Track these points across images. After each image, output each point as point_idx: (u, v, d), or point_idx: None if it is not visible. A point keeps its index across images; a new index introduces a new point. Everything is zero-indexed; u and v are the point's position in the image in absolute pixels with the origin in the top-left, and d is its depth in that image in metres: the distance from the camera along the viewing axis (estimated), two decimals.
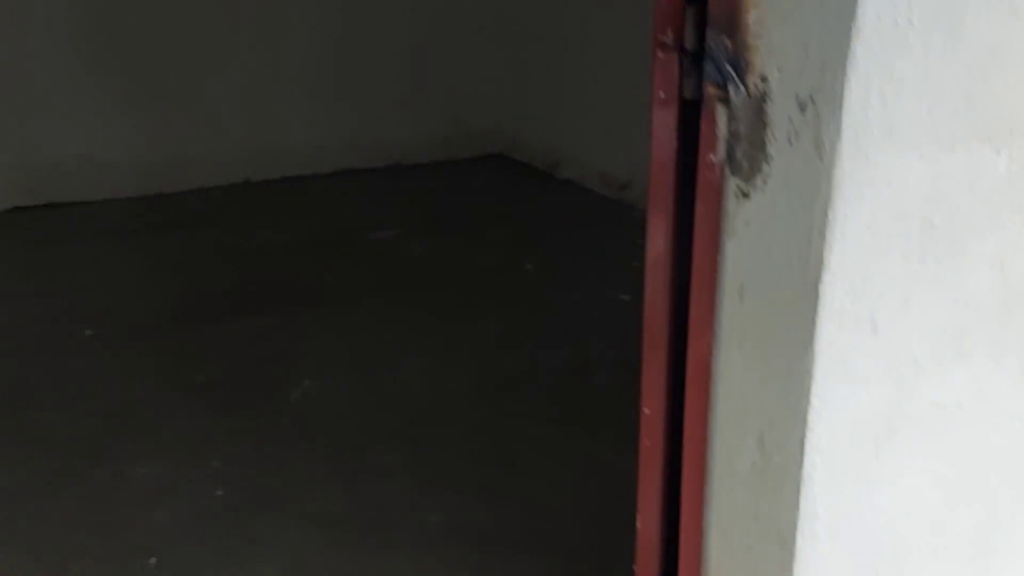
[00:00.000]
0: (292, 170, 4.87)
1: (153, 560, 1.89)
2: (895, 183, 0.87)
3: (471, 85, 5.10)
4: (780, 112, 0.87)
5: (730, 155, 0.93)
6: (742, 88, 0.90)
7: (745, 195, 0.93)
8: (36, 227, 4.06)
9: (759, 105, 0.89)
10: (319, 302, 3.27)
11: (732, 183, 0.94)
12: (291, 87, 4.73)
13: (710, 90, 0.92)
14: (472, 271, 3.56)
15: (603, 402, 2.52)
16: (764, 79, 0.88)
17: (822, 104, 0.83)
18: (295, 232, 4.05)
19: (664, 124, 0.96)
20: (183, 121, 4.52)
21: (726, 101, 0.92)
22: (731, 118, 0.92)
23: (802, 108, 0.85)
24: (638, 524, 1.12)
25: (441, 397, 2.57)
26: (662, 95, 0.96)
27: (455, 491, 2.11)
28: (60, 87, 4.23)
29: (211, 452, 2.28)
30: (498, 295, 3.31)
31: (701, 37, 0.93)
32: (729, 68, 0.90)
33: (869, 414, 0.95)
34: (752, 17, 0.88)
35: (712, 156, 0.94)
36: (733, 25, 0.90)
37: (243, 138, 4.70)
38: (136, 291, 3.41)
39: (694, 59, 0.94)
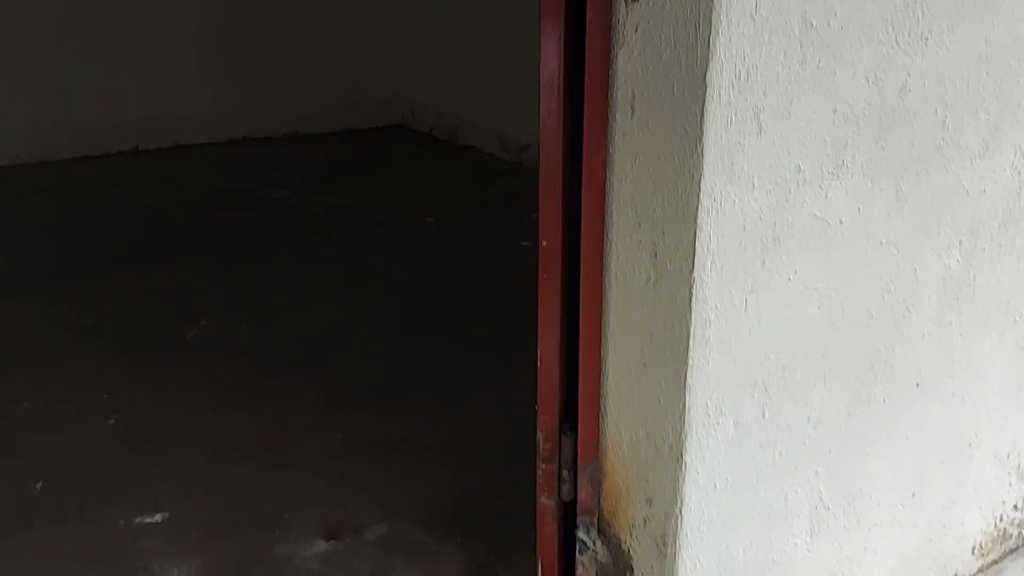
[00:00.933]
0: (184, 138, 4.73)
1: (40, 484, 1.79)
2: None
3: (368, 55, 5.05)
4: None
5: None
6: None
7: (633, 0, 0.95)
8: None
9: None
10: (214, 255, 3.17)
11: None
12: (182, 54, 4.59)
13: None
14: (372, 226, 3.52)
15: (504, 333, 2.53)
16: None
17: None
18: (187, 194, 3.92)
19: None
20: (69, 88, 4.33)
21: None
22: None
23: None
24: (539, 361, 1.13)
25: (340, 334, 2.53)
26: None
27: (358, 412, 2.07)
28: None
29: (101, 387, 2.18)
30: (398, 246, 3.28)
31: None
32: None
33: (755, 219, 0.98)
34: None
35: None
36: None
37: (132, 106, 4.53)
38: (24, 248, 3.24)
39: None
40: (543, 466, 1.16)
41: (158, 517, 1.68)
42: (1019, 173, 1.26)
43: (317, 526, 1.65)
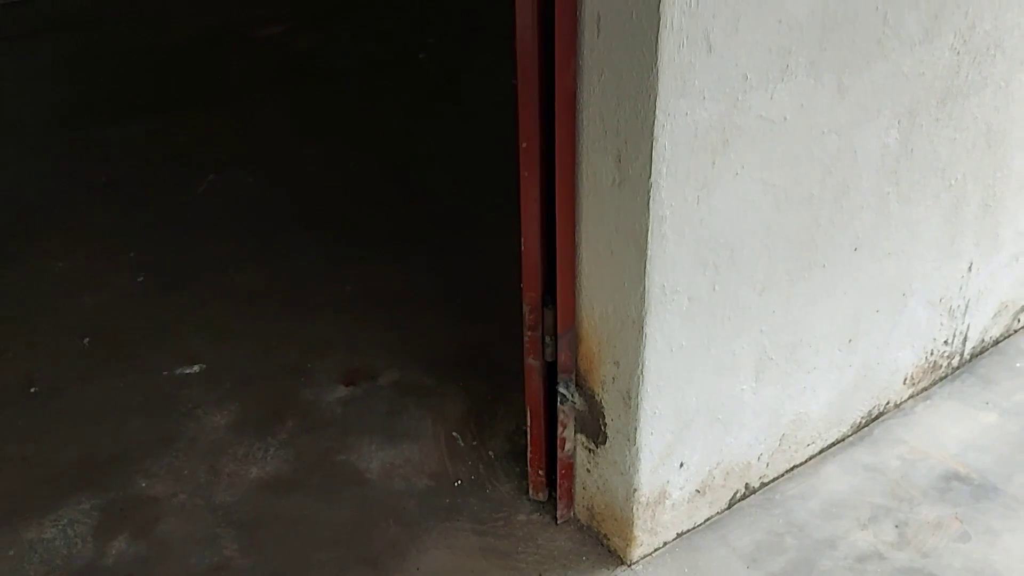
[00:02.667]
0: None
1: (87, 340, 2.01)
2: None
3: None
4: None
5: None
6: None
7: None
8: None
9: None
10: (214, 100, 3.25)
11: None
12: None
13: None
14: (366, 64, 3.56)
15: (499, 177, 2.67)
16: None
17: None
18: (181, 32, 3.92)
19: None
20: None
21: None
22: None
23: None
24: (522, 246, 1.29)
25: (345, 182, 2.68)
26: None
27: (364, 263, 2.26)
28: None
29: (127, 245, 2.36)
30: (394, 85, 3.35)
31: None
32: None
33: (706, 126, 1.11)
34: None
35: None
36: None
37: None
38: (26, 97, 3.32)
39: None
40: (528, 333, 1.36)
41: (196, 368, 1.91)
42: (958, 53, 1.37)
43: (336, 373, 1.88)
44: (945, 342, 1.73)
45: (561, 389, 1.37)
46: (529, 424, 1.45)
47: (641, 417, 1.28)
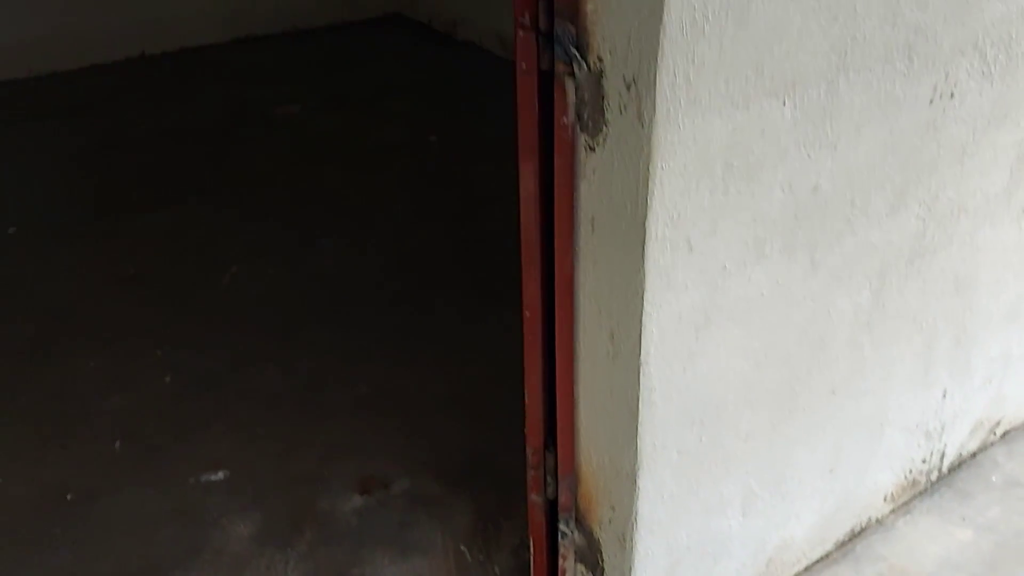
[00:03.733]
0: (189, 40, 4.82)
1: (118, 444, 2.15)
2: (700, 139, 1.13)
3: None
4: (613, 87, 1.11)
5: (579, 117, 1.17)
6: (584, 65, 1.13)
7: (592, 149, 1.17)
8: None
9: (598, 80, 1.12)
10: (234, 185, 3.41)
11: (582, 138, 1.18)
12: None
13: (559, 66, 1.14)
14: (378, 146, 3.72)
15: (509, 270, 2.81)
16: (600, 60, 1.11)
17: (642, 85, 1.07)
18: (201, 110, 4.09)
19: (526, 89, 1.18)
20: None
21: (573, 75, 1.14)
22: (578, 88, 1.15)
23: (628, 87, 1.09)
24: (526, 400, 1.43)
25: (359, 275, 2.82)
26: (524, 66, 1.17)
27: (380, 363, 2.40)
28: None
29: (154, 342, 2.50)
30: (406, 170, 3.51)
31: (552, 20, 1.14)
32: (574, 50, 1.12)
33: (689, 310, 1.24)
34: (590, 7, 1.10)
35: (565, 118, 1.17)
36: (575, 13, 1.11)
37: (135, 10, 4.61)
38: (51, 182, 3.48)
39: (547, 38, 1.15)
40: (532, 472, 1.48)
41: (220, 475, 2.04)
42: (923, 220, 1.50)
43: (351, 480, 2.01)
44: (923, 460, 1.84)
45: (562, 526, 1.49)
46: (532, 553, 1.57)
47: (635, 556, 1.40)
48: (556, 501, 1.49)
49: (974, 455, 1.99)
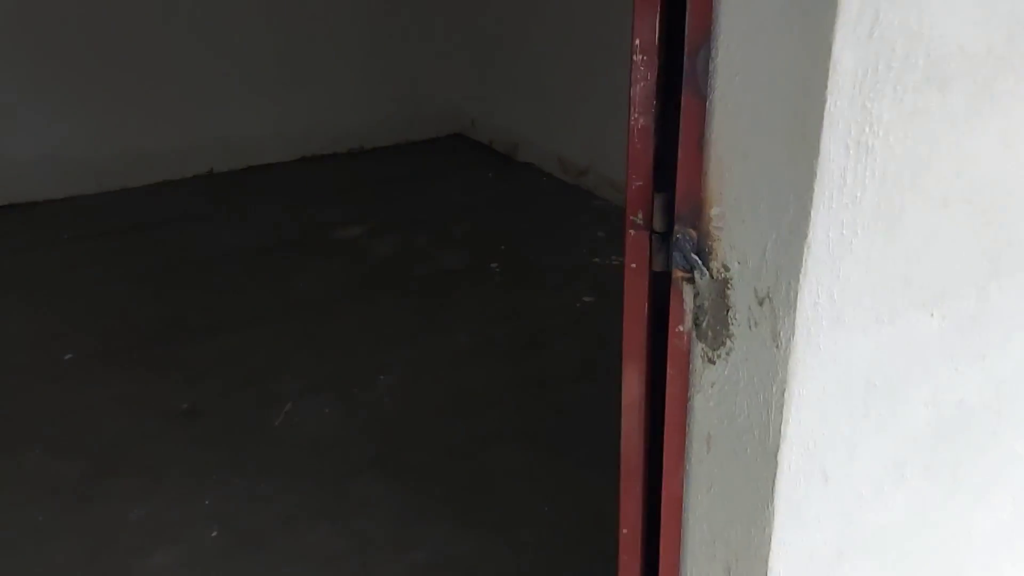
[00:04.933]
0: (255, 159, 4.88)
1: None
2: (841, 359, 0.99)
3: (429, 65, 5.11)
4: (741, 300, 0.98)
5: (696, 324, 1.04)
6: (706, 273, 1.00)
7: (711, 361, 1.04)
8: None
9: (722, 289, 1.00)
10: (292, 312, 3.34)
11: (699, 348, 1.05)
12: (248, 75, 4.71)
13: (678, 273, 1.02)
14: (439, 274, 3.65)
15: (571, 416, 2.66)
16: (726, 268, 0.99)
17: (778, 303, 0.94)
18: (262, 232, 4.08)
19: (636, 291, 1.06)
20: (142, 115, 4.49)
21: (692, 281, 1.02)
22: (697, 295, 1.02)
23: (760, 302, 0.96)
24: None
25: (417, 417, 2.69)
26: (633, 266, 1.06)
27: (437, 524, 2.24)
28: (14, 85, 4.18)
29: (203, 490, 2.38)
30: (466, 300, 3.41)
31: (669, 221, 1.02)
32: (695, 256, 1.00)
33: (820, 546, 1.08)
34: (715, 212, 0.98)
35: (680, 327, 1.05)
36: (697, 217, 1.00)
37: (204, 129, 4.68)
38: (109, 306, 3.44)
39: (663, 237, 1.04)
40: None
41: None
42: None
43: None
44: None
45: None
46: None
47: None
48: None
49: None
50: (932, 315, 1.05)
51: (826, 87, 0.83)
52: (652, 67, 0.96)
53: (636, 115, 1.00)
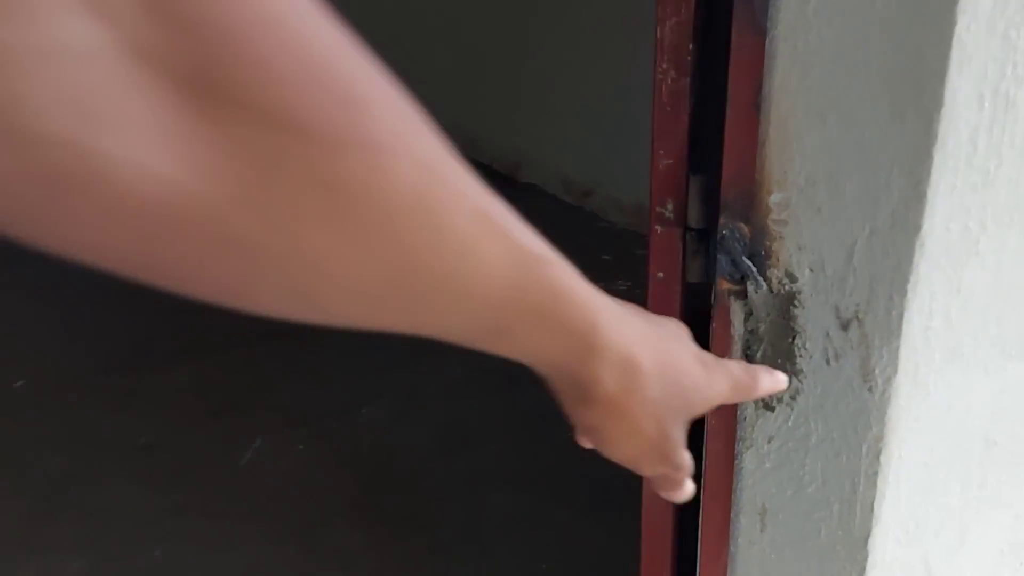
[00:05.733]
0: None
1: None
2: (956, 407, 0.70)
3: (425, 83, 4.86)
4: (815, 322, 0.70)
5: (748, 354, 0.76)
6: (763, 283, 0.72)
7: (767, 407, 0.75)
8: None
9: (786, 306, 0.71)
10: (269, 337, 3.05)
11: None
12: None
13: (724, 284, 0.74)
14: None
15: (574, 457, 2.37)
16: (792, 277, 0.70)
17: (873, 328, 0.66)
18: None
19: (664, 309, 0.77)
20: None
21: (744, 295, 0.74)
22: (750, 315, 0.74)
23: (844, 326, 0.67)
24: None
25: (402, 456, 2.39)
26: (661, 275, 0.77)
27: None
28: None
29: (155, 538, 2.08)
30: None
31: (709, 213, 0.74)
32: (747, 261, 0.72)
33: None
34: (776, 198, 0.70)
35: (727, 356, 0.76)
36: (750, 206, 0.72)
37: None
38: (67, 329, 3.16)
39: (700, 237, 0.76)
40: None
41: None
42: None
43: None
44: None
45: None
46: None
47: None
48: None
49: None
50: None
51: (956, 2, 0.55)
52: None
53: (664, 66, 0.72)
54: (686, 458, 0.50)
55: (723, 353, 0.76)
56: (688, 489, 0.54)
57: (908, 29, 0.58)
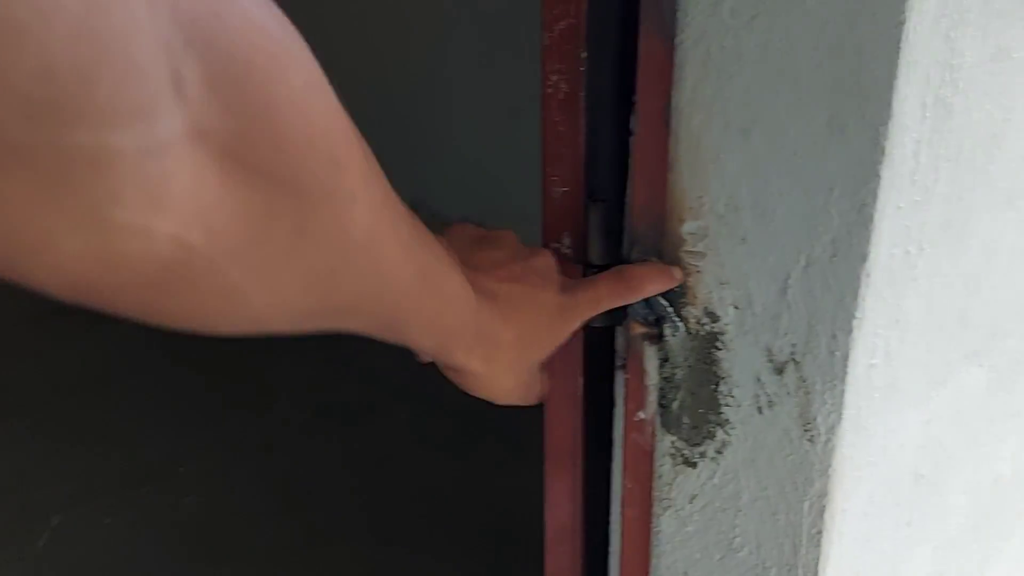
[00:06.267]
0: None
1: None
2: (890, 447, 0.64)
3: None
4: (742, 367, 0.61)
5: (664, 406, 0.66)
6: (680, 325, 0.63)
7: (690, 463, 0.66)
8: None
9: (706, 350, 0.63)
10: (61, 394, 2.70)
11: (668, 441, 0.67)
12: None
13: (636, 328, 0.64)
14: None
15: (430, 500, 2.23)
16: (713, 317, 0.62)
17: (812, 370, 0.58)
18: (28, 291, 3.39)
19: (564, 359, 0.66)
20: None
21: (659, 338, 0.64)
22: (666, 361, 0.65)
23: (779, 370, 0.59)
24: None
25: (229, 517, 2.16)
26: None
27: None
28: None
29: None
30: (284, 361, 2.90)
31: (612, 247, 0.64)
32: (663, 301, 0.62)
33: None
34: (689, 228, 0.61)
35: (641, 412, 0.66)
36: (661, 236, 0.62)
37: None
38: None
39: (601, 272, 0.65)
40: None
41: None
42: None
43: None
44: None
45: None
46: None
47: None
48: None
49: None
50: (981, 366, 0.73)
51: None
52: None
53: (553, 77, 0.61)
54: (543, 383, 0.63)
55: (637, 407, 0.66)
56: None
57: (848, 29, 0.50)
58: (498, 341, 0.52)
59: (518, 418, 0.94)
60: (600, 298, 0.60)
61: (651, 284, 0.61)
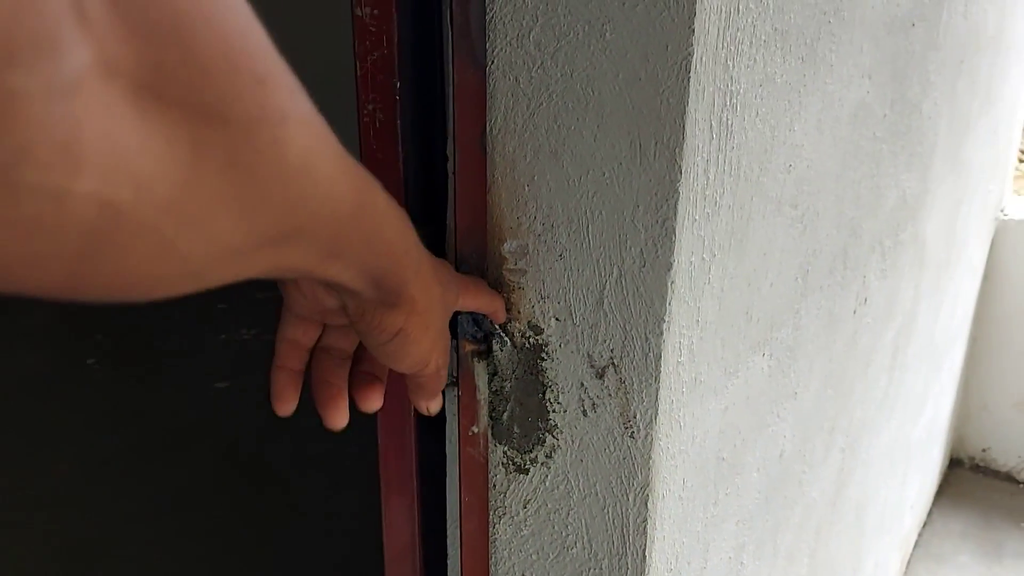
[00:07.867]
0: None
1: None
2: (697, 435, 0.71)
3: None
4: (566, 375, 0.65)
5: (494, 418, 0.69)
6: (507, 340, 0.66)
7: (522, 470, 0.69)
8: None
9: (533, 362, 0.66)
10: None
11: (500, 451, 0.70)
12: None
13: (467, 347, 0.66)
14: (15, 380, 2.84)
15: (252, 532, 2.13)
16: (537, 329, 0.65)
17: (629, 372, 0.63)
18: None
19: (393, 380, 0.68)
20: None
21: (487, 354, 0.67)
22: (495, 375, 0.68)
23: (600, 374, 0.64)
24: None
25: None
26: None
27: None
28: None
29: None
30: (64, 407, 2.67)
31: None
32: (489, 319, 0.65)
33: None
34: (509, 248, 0.64)
35: (474, 427, 0.69)
36: (484, 257, 0.65)
37: None
38: None
39: None
40: None
41: None
42: (843, 451, 1.21)
43: None
44: None
45: None
46: None
47: None
48: None
49: None
50: (764, 354, 0.82)
51: (692, 30, 0.54)
52: (390, 21, 0.60)
53: (369, 105, 0.63)
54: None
55: (470, 422, 0.69)
56: (440, 402, 0.61)
57: (645, 60, 0.56)
58: (428, 269, 0.51)
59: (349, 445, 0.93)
60: (476, 292, 0.63)
61: (482, 300, 0.63)
